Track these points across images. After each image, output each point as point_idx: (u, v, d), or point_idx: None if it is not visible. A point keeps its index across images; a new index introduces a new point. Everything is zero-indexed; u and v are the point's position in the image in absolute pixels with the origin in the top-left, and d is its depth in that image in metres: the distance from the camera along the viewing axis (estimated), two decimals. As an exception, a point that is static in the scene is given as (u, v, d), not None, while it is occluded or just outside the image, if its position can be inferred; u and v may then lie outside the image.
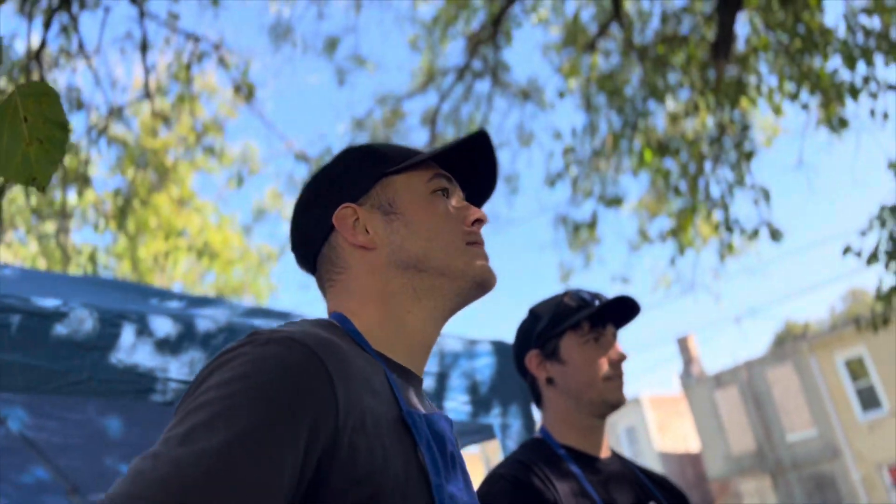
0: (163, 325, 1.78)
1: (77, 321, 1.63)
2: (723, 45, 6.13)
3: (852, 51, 5.66)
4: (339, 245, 0.90)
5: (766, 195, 6.42)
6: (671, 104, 7.18)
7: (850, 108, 6.24)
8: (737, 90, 6.33)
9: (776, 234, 6.38)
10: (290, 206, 1.00)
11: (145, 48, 5.73)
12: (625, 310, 1.56)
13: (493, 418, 2.37)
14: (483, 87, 8.13)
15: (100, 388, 1.58)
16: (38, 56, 4.92)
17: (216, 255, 11.20)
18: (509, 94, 8.41)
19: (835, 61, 5.97)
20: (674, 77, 6.97)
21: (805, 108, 6.27)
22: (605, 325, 1.54)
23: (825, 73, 5.92)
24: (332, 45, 8.59)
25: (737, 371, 23.33)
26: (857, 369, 20.56)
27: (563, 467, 1.44)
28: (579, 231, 7.65)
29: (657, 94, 6.73)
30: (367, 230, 0.89)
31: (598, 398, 1.48)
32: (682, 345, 25.91)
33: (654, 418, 27.74)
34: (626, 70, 7.37)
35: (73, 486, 3.11)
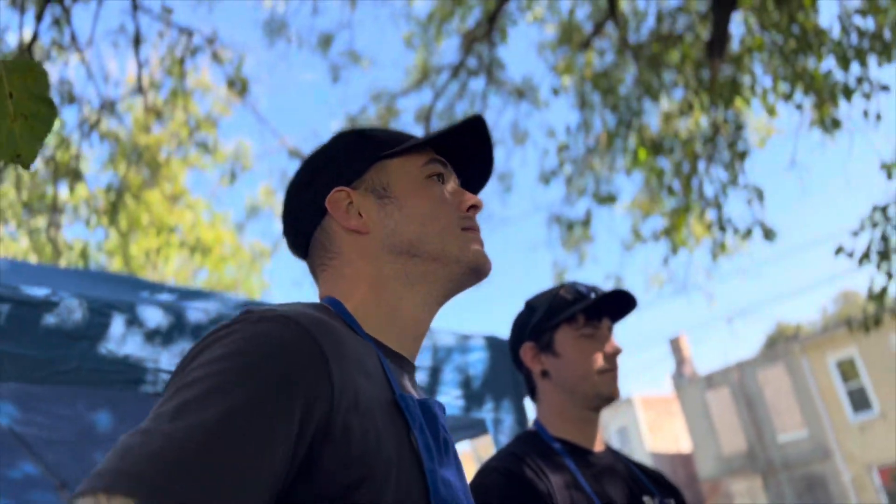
0: (153, 315, 1.76)
1: (66, 311, 1.61)
2: (717, 45, 6.13)
3: (846, 51, 5.67)
4: (332, 229, 0.89)
5: (760, 195, 6.42)
6: (665, 103, 7.20)
7: (844, 109, 6.26)
8: (731, 90, 6.33)
9: (769, 234, 6.39)
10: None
11: (138, 42, 5.70)
12: (621, 304, 1.56)
13: (486, 413, 2.36)
14: (478, 84, 8.13)
15: (88, 378, 1.57)
16: (29, 49, 4.89)
17: (208, 252, 11.15)
18: (504, 92, 8.41)
19: (829, 62, 5.98)
20: (668, 76, 6.98)
21: (799, 108, 6.28)
22: (600, 319, 1.53)
23: (819, 73, 5.93)
24: (326, 42, 8.56)
25: (728, 372, 23.40)
26: (848, 371, 20.65)
27: (556, 460, 1.43)
28: (573, 229, 7.65)
29: (651, 92, 6.74)
30: (360, 214, 0.88)
31: (593, 391, 1.48)
32: (675, 345, 25.99)
33: (645, 419, 27.82)
34: (621, 69, 7.38)
35: (61, 481, 3.08)
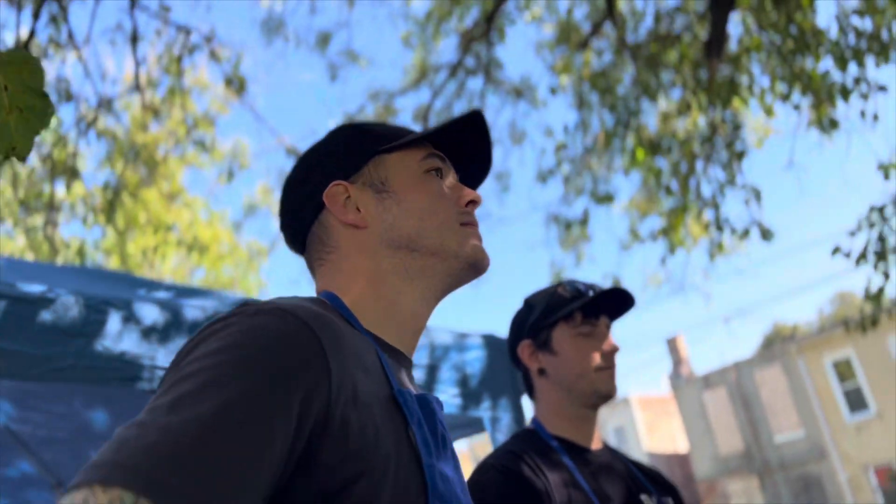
0: (150, 312, 1.75)
1: (62, 308, 1.61)
2: (715, 45, 6.14)
3: (844, 52, 5.68)
4: (330, 223, 0.88)
5: (758, 195, 6.42)
6: (663, 103, 7.20)
7: (841, 110, 6.26)
8: (729, 90, 6.33)
9: (767, 234, 6.39)
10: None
11: (136, 40, 5.69)
12: (619, 302, 1.55)
13: (483, 411, 2.36)
14: (476, 84, 8.13)
15: (85, 375, 1.56)
16: (26, 46, 4.88)
17: (206, 250, 11.13)
18: (502, 92, 8.41)
19: (826, 62, 5.99)
20: (666, 76, 6.99)
21: (797, 108, 6.28)
22: (598, 317, 1.53)
23: (817, 73, 5.94)
24: (324, 41, 8.56)
25: (725, 372, 23.43)
26: (844, 371, 20.69)
27: (554, 458, 1.42)
28: (571, 228, 7.65)
29: (649, 92, 6.74)
30: (358, 208, 0.87)
31: (590, 389, 1.47)
32: (672, 345, 26.01)
33: (642, 418, 27.85)
34: (619, 68, 7.38)
35: (58, 480, 3.07)
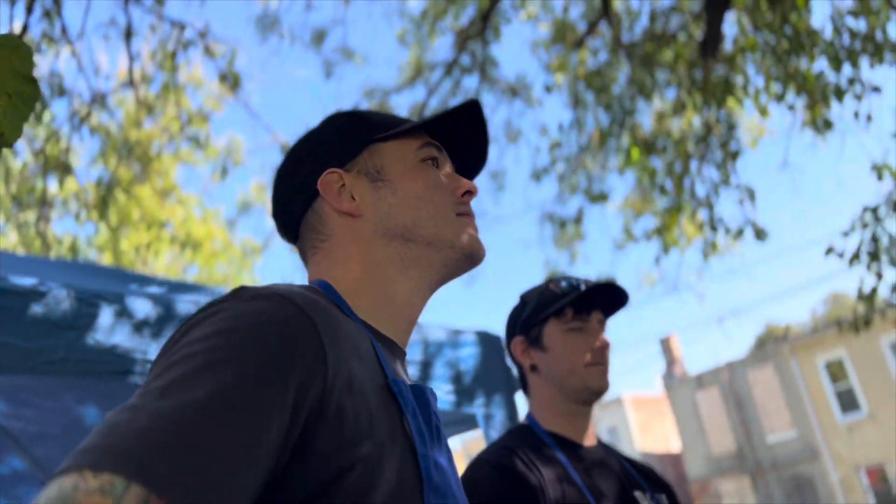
0: (142, 306, 1.74)
1: (54, 301, 1.59)
2: (710, 44, 6.14)
3: (838, 52, 5.69)
4: (324, 211, 0.87)
5: (752, 195, 6.44)
6: (658, 102, 7.21)
7: (835, 110, 6.28)
8: (724, 90, 6.34)
9: (761, 234, 6.40)
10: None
11: (130, 35, 5.66)
12: (612, 297, 1.54)
13: (477, 408, 2.35)
14: (471, 82, 8.12)
15: (76, 369, 1.55)
16: (19, 40, 4.83)
17: (199, 247, 11.10)
18: (497, 91, 8.41)
19: (821, 63, 6.00)
20: (661, 75, 6.99)
21: (791, 108, 6.30)
22: (589, 313, 1.52)
23: (811, 74, 5.95)
24: (319, 38, 8.54)
25: (718, 372, 23.49)
26: (836, 372, 20.76)
27: (548, 453, 1.42)
28: (565, 227, 7.65)
29: (644, 92, 6.75)
30: (353, 197, 0.86)
31: (581, 385, 1.47)
32: (665, 345, 26.08)
33: (636, 418, 27.90)
34: (614, 68, 7.39)
35: (50, 476, 3.04)
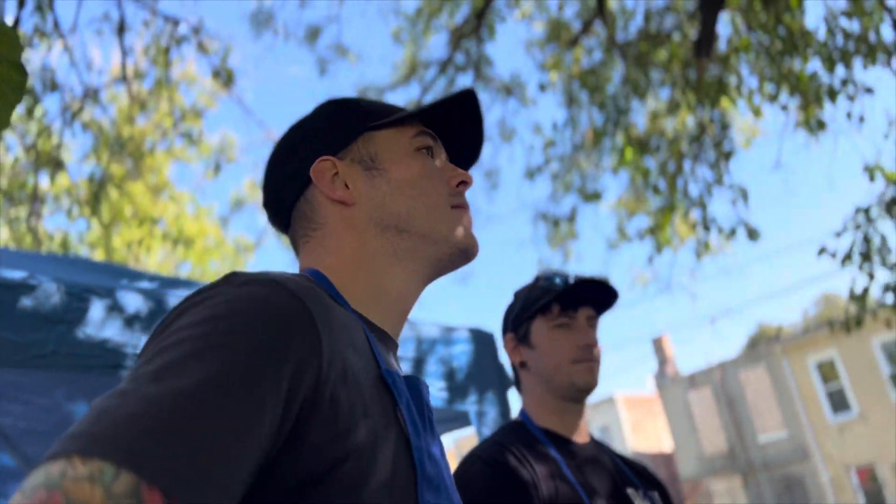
0: (133, 301, 1.73)
1: (44, 294, 1.58)
2: (705, 44, 6.16)
3: (831, 53, 5.71)
4: (317, 200, 0.86)
5: (745, 195, 6.46)
6: (652, 102, 7.22)
7: (828, 111, 6.30)
8: (717, 90, 6.36)
9: (753, 234, 6.42)
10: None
11: (123, 30, 5.63)
12: (601, 293, 1.54)
13: (469, 405, 2.35)
14: (465, 81, 8.12)
15: (66, 362, 1.53)
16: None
17: (192, 244, 11.05)
18: (492, 89, 8.40)
19: (814, 63, 6.03)
20: (655, 75, 7.01)
21: (784, 109, 6.32)
22: (576, 309, 1.52)
23: (804, 74, 5.97)
24: (313, 35, 8.53)
25: (710, 372, 23.55)
26: (828, 372, 20.84)
27: (541, 450, 1.42)
28: (559, 226, 7.66)
29: (638, 91, 6.76)
30: (346, 185, 0.85)
31: (567, 382, 1.46)
32: (657, 345, 26.13)
33: (628, 418, 27.96)
34: (608, 67, 7.40)
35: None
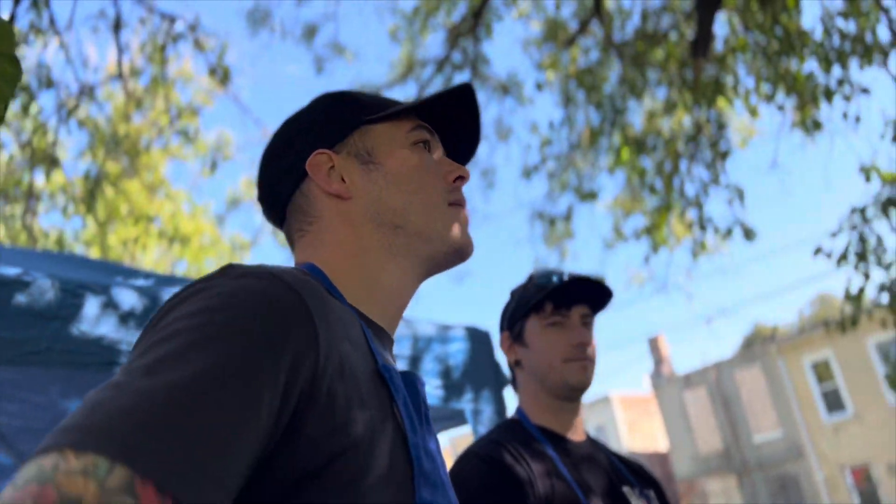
0: (128, 298, 1.72)
1: (38, 291, 1.57)
2: (701, 44, 6.16)
3: (828, 53, 5.72)
4: (313, 193, 0.85)
5: (741, 195, 6.47)
6: (649, 102, 7.23)
7: (824, 111, 6.31)
8: (714, 90, 6.37)
9: (749, 234, 6.43)
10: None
11: (119, 27, 5.61)
12: (595, 291, 1.53)
13: (465, 404, 2.35)
14: (462, 79, 8.09)
15: (60, 359, 1.53)
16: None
17: (187, 242, 11.02)
18: (489, 88, 8.40)
19: (811, 64, 6.03)
20: (652, 75, 7.01)
21: (781, 109, 6.33)
22: (569, 307, 1.51)
23: (801, 75, 5.98)
24: (310, 33, 8.51)
25: (706, 372, 23.60)
26: (823, 372, 20.90)
27: (537, 448, 1.42)
28: (555, 225, 7.67)
29: (635, 91, 6.76)
30: (343, 179, 0.84)
31: (559, 380, 1.46)
32: (653, 345, 26.18)
33: (623, 417, 28.01)
34: (605, 66, 7.40)
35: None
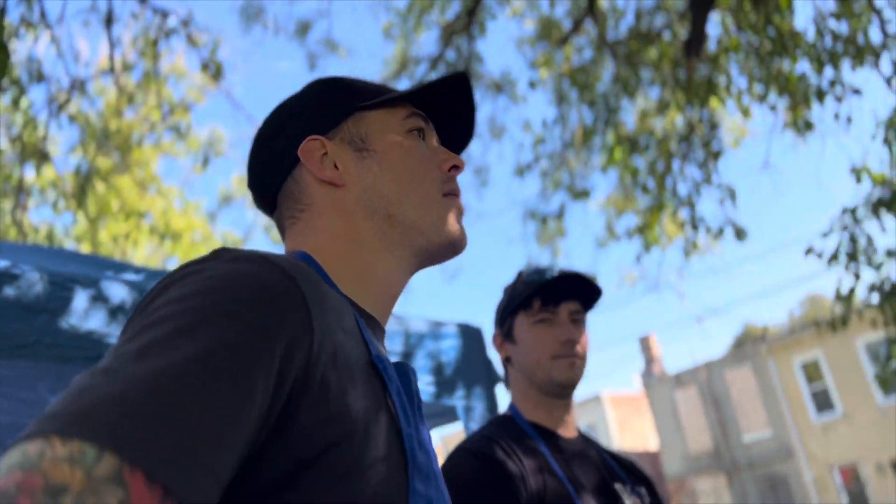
0: (118, 292, 1.71)
1: (26, 283, 1.56)
2: (694, 44, 6.18)
3: (820, 54, 5.75)
4: (305, 180, 0.84)
5: (732, 195, 6.49)
6: (642, 101, 7.24)
7: (816, 112, 6.34)
8: (707, 90, 6.38)
9: (741, 233, 6.46)
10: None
11: (111, 21, 5.57)
12: (584, 288, 1.53)
13: (457, 400, 2.34)
14: (456, 78, 8.09)
15: (48, 353, 1.51)
16: (-3, 24, 4.74)
17: (179, 238, 10.97)
18: (482, 86, 8.39)
19: (803, 64, 6.06)
20: (645, 74, 7.03)
21: (773, 109, 6.35)
22: (557, 304, 1.51)
23: (793, 75, 6.00)
24: (304, 29, 8.48)
25: (696, 371, 23.69)
26: (812, 372, 21.02)
27: (529, 444, 1.42)
28: (547, 223, 7.67)
29: (628, 90, 6.78)
30: (336, 166, 0.83)
31: (547, 377, 1.46)
32: (644, 344, 26.28)
33: (614, 416, 28.11)
34: (599, 65, 7.41)
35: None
